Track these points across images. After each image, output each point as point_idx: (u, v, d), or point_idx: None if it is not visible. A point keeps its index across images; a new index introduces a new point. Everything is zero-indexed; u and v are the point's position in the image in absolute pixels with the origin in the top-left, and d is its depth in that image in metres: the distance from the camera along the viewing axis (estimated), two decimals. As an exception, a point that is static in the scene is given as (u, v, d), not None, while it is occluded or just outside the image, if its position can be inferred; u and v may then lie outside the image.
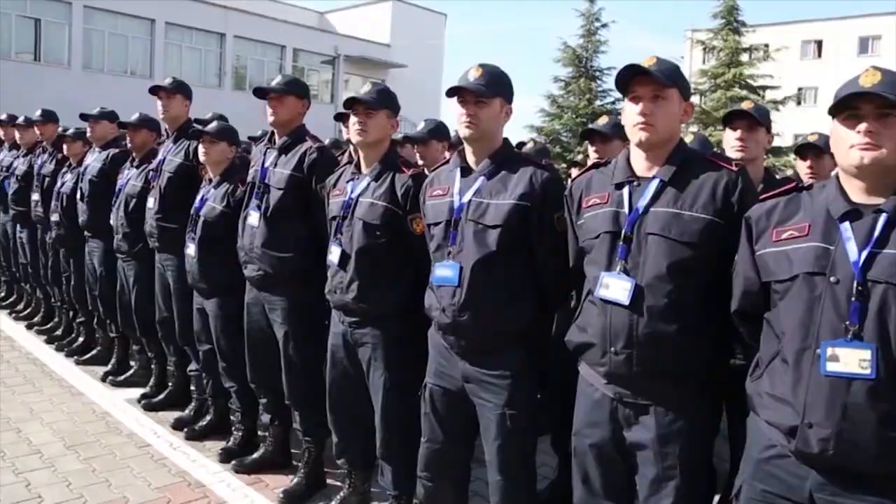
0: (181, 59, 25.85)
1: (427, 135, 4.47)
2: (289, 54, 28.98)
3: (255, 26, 27.52)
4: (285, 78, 3.75)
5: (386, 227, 3.10)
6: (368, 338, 3.19)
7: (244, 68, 28.03)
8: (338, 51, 30.58)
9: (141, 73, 24.59)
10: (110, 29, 24.07)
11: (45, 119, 6.41)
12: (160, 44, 25.10)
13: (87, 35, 23.55)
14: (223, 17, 26.39)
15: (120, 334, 5.55)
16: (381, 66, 31.89)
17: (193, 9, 25.44)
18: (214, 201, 4.07)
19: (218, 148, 4.11)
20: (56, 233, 5.97)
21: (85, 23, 23.40)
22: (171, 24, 25.22)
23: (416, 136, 4.45)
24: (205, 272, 4.08)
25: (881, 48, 40.42)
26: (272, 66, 28.90)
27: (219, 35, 26.75)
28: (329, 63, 30.98)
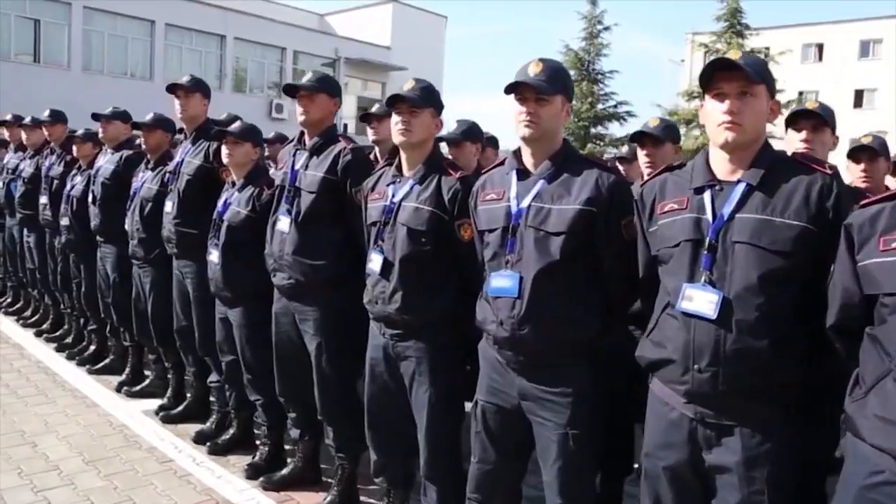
0: (181, 60, 25.57)
1: (460, 136, 4.29)
2: (289, 56, 28.77)
3: (255, 28, 27.30)
4: (316, 75, 3.58)
5: (432, 234, 2.93)
6: (412, 351, 3.01)
7: (244, 70, 27.79)
8: (338, 53, 30.38)
9: (141, 75, 24.39)
10: (110, 30, 23.81)
11: (53, 119, 6.22)
12: (160, 45, 24.84)
13: (86, 36, 23.29)
14: (223, 18, 26.16)
15: (134, 343, 5.37)
16: (382, 69, 31.75)
17: (193, 10, 25.21)
18: (239, 205, 3.89)
19: (242, 149, 3.93)
20: (66, 237, 5.79)
21: (84, 24, 23.14)
22: (171, 25, 24.97)
23: (449, 138, 4.27)
24: (229, 280, 3.90)
25: (882, 51, 40.37)
26: (272, 68, 28.73)
27: (219, 37, 26.52)
28: (329, 65, 30.72)
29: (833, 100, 37.33)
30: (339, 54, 30.33)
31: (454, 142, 4.29)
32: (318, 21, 33.77)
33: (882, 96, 39.69)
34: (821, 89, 38.76)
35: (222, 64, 26.69)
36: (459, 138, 4.29)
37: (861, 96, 40.58)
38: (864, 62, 40.86)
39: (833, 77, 39.30)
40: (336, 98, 3.59)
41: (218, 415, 4.53)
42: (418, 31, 32.34)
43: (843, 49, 40.45)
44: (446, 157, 3.25)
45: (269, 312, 3.80)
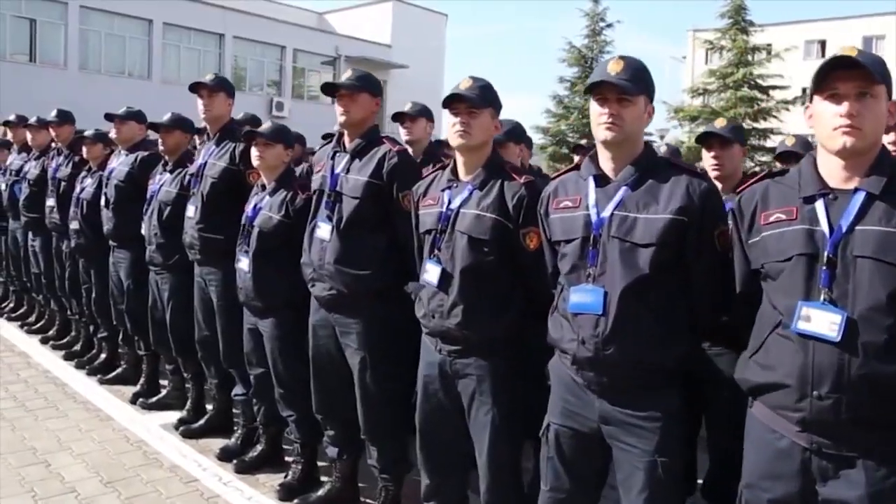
0: (179, 59, 25.31)
1: (504, 136, 4.05)
2: (289, 55, 28.49)
3: (254, 27, 26.99)
4: (357, 73, 3.34)
5: (495, 243, 2.69)
6: (472, 369, 2.77)
7: (243, 69, 27.49)
8: (338, 51, 30.09)
9: (139, 75, 24.09)
10: (107, 29, 23.48)
11: (61, 120, 5.97)
12: (158, 44, 24.52)
13: (83, 35, 22.98)
14: (222, 17, 25.86)
15: (150, 352, 5.12)
16: (382, 67, 31.39)
17: (191, 9, 24.89)
18: (270, 210, 3.65)
19: (273, 151, 3.69)
20: (76, 242, 5.53)
21: (81, 23, 22.82)
22: (168, 24, 24.66)
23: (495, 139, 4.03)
24: (260, 289, 3.65)
25: (885, 47, 40.19)
26: (272, 66, 28.44)
27: (217, 35, 26.22)
28: (329, 64, 30.48)
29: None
30: (340, 52, 30.05)
31: (497, 143, 4.05)
32: (317, 19, 33.46)
33: (885, 92, 39.56)
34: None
35: (221, 63, 26.35)
36: (503, 139, 4.05)
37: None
38: (866, 59, 40.63)
39: (835, 74, 39.04)
40: (378, 97, 3.36)
41: (243, 430, 4.27)
42: (419, 29, 32.07)
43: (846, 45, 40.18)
44: (508, 161, 3.00)
45: (303, 323, 3.58)
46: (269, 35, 27.65)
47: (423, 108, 4.72)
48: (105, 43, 23.51)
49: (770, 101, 25.98)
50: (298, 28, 29.19)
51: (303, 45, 29.04)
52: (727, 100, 26.56)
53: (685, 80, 41.45)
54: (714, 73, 27.42)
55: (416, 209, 3.01)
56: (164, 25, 24.52)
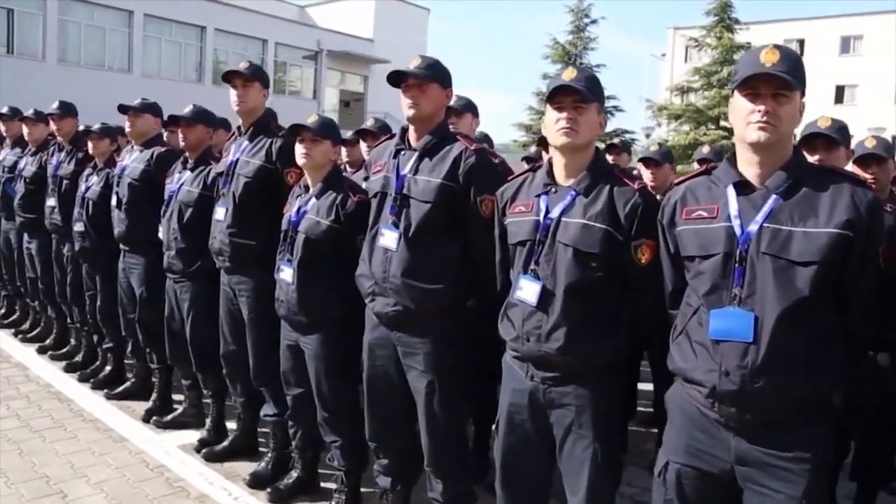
0: (160, 52, 24.73)
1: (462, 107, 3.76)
2: (270, 48, 27.99)
3: (235, 19, 26.48)
4: (426, 60, 3.00)
5: (605, 257, 2.38)
6: (571, 398, 2.45)
7: (224, 63, 26.88)
8: (320, 45, 29.66)
9: (119, 67, 23.48)
10: (86, 20, 22.84)
11: (63, 112, 5.53)
12: (138, 36, 23.92)
13: (62, 27, 22.32)
14: (203, 9, 25.29)
15: (162, 366, 4.74)
16: (364, 62, 31.11)
17: (173, 1, 24.29)
18: (318, 214, 3.30)
19: (321, 148, 3.34)
20: (80, 245, 5.13)
21: (60, 14, 22.16)
22: (149, 16, 24.05)
23: (654, 158, 3.80)
24: (306, 302, 3.31)
25: (863, 47, 40.55)
26: (253, 60, 27.74)
27: (199, 28, 25.65)
28: (311, 58, 30.04)
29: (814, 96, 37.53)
30: (322, 47, 29.61)
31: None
32: (298, 13, 32.94)
33: (863, 92, 39.93)
34: (801, 85, 38.73)
35: (202, 56, 25.87)
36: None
37: (842, 92, 40.75)
38: (844, 58, 41.00)
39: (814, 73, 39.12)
40: (449, 88, 3.03)
41: (274, 454, 3.92)
42: (401, 24, 31.70)
43: (824, 45, 40.52)
44: (616, 165, 2.69)
45: (352, 341, 3.27)
46: (250, 28, 27.15)
47: (468, 103, 4.42)
48: (84, 34, 22.88)
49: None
50: (280, 21, 28.70)
51: (284, 39, 28.57)
52: (711, 98, 26.56)
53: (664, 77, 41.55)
54: (699, 72, 27.38)
55: (500, 216, 2.70)
56: (145, 17, 23.95)
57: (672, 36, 43.00)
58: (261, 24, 27.50)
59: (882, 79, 38.95)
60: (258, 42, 27.82)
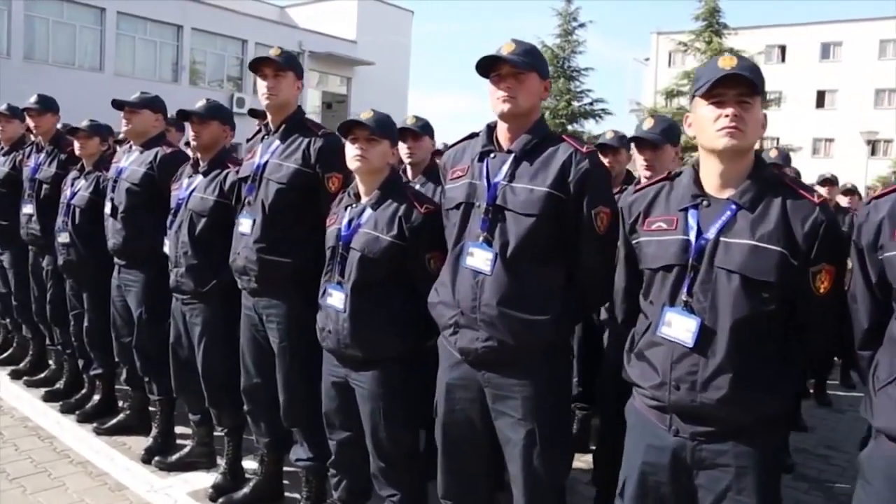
0: (134, 51, 23.77)
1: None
2: (250, 49, 27.08)
3: (214, 18, 25.59)
4: (522, 46, 2.41)
5: (780, 287, 1.90)
6: (729, 458, 1.95)
7: (202, 63, 26.08)
8: (302, 46, 28.85)
9: (90, 66, 22.45)
10: (55, 17, 21.80)
11: (42, 108, 4.86)
12: (111, 34, 22.91)
13: (28, 22, 21.25)
14: (180, 7, 24.36)
15: (165, 397, 4.11)
16: (347, 63, 30.43)
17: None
18: (376, 228, 2.71)
19: (379, 149, 2.77)
20: (64, 258, 4.46)
21: (27, 10, 21.07)
22: (123, 13, 23.05)
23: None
24: (362, 334, 2.71)
25: (842, 53, 40.86)
26: (232, 61, 27.08)
27: (175, 27, 24.71)
28: (291, 59, 29.29)
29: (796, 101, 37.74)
30: (303, 48, 28.85)
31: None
32: (278, 13, 32.16)
33: (843, 97, 40.32)
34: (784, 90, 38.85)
35: (179, 56, 24.95)
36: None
37: (823, 97, 41.15)
38: (825, 64, 41.33)
39: (796, 78, 39.42)
40: (547, 80, 2.48)
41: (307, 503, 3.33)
42: (384, 25, 31.13)
43: (805, 51, 40.78)
44: (786, 174, 2.16)
45: (417, 379, 2.76)
46: (229, 28, 26.29)
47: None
48: (53, 31, 21.83)
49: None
50: (260, 21, 27.88)
51: (264, 40, 27.63)
52: (699, 103, 26.34)
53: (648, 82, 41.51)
54: (688, 75, 27.14)
55: (626, 234, 2.16)
56: (119, 14, 22.93)
57: (656, 40, 42.97)
58: (240, 24, 26.67)
59: (861, 83, 39.33)
60: (237, 42, 26.97)
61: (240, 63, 27.03)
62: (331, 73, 30.72)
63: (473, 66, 2.36)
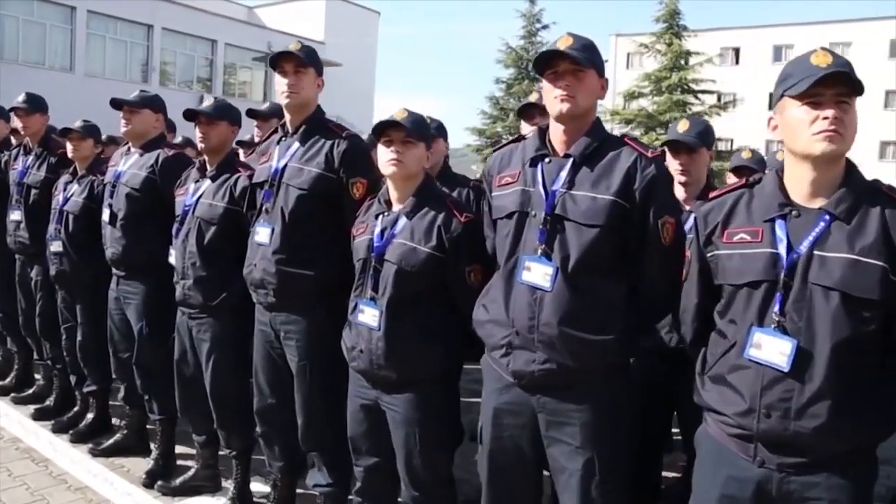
0: (105, 51, 23.25)
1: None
2: (220, 49, 26.73)
3: (184, 19, 25.15)
4: (580, 41, 2.25)
5: (883, 305, 1.76)
6: (821, 491, 1.81)
7: (172, 63, 25.60)
8: (271, 47, 28.45)
9: (60, 66, 21.91)
10: (25, 15, 21.23)
11: (30, 107, 4.60)
12: (81, 34, 22.40)
13: (-4, 21, 20.80)
14: (150, 7, 23.89)
15: (166, 416, 3.89)
16: (317, 65, 30.06)
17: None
18: (413, 239, 2.54)
19: (415, 153, 2.59)
20: (56, 268, 4.22)
21: (-5, 8, 20.65)
22: (93, 12, 22.54)
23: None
24: (398, 354, 2.54)
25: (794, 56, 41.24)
26: (202, 61, 26.64)
27: (146, 27, 24.24)
28: (261, 60, 28.86)
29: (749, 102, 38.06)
30: (272, 48, 28.46)
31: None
32: (246, 13, 31.76)
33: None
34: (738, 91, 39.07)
35: (149, 56, 24.49)
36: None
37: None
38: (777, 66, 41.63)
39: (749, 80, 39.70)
40: (604, 78, 2.33)
41: (327, 535, 3.15)
42: (351, 26, 30.88)
43: (758, 53, 41.15)
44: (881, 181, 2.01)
45: (455, 402, 2.57)
46: (199, 28, 25.88)
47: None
48: (23, 30, 21.25)
49: (703, 105, 26.38)
50: (230, 22, 27.52)
51: (234, 40, 27.38)
52: (661, 104, 26.48)
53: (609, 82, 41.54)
54: (649, 77, 27.24)
55: (699, 246, 2.01)
56: (89, 13, 22.43)
57: (614, 42, 43.09)
58: (210, 25, 26.27)
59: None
60: (207, 42, 26.54)
61: (209, 64, 26.66)
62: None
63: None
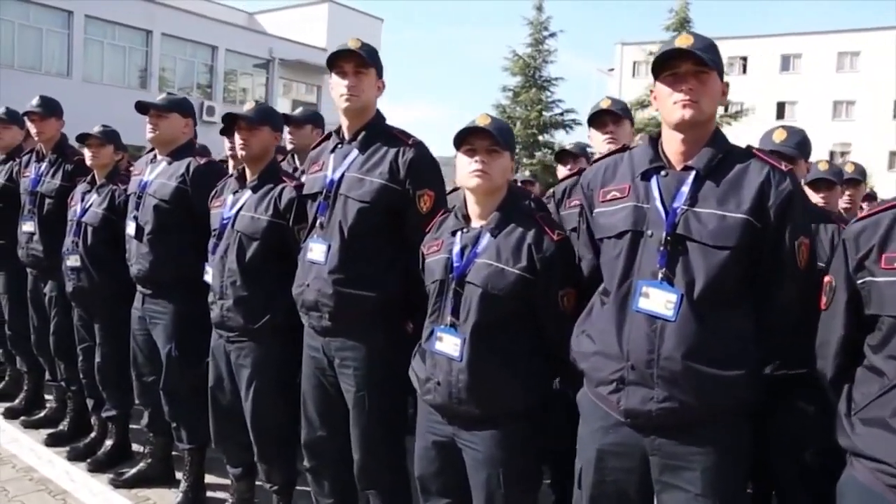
0: (103, 56, 22.88)
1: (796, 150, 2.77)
2: (220, 55, 26.37)
3: (183, 24, 24.80)
4: (702, 40, 2.00)
5: None
6: None
7: (171, 70, 25.24)
8: (272, 53, 28.24)
9: (57, 72, 21.53)
10: (21, 20, 20.85)
11: (46, 111, 4.29)
12: (79, 39, 22.01)
13: (-8, 26, 20.43)
14: (149, 12, 23.56)
15: (196, 446, 3.59)
16: (318, 72, 29.74)
17: (116, 1, 22.34)
18: (499, 259, 2.25)
19: (501, 163, 2.31)
20: (74, 284, 3.92)
21: (-10, 12, 20.28)
22: (91, 17, 22.16)
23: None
24: (483, 388, 2.24)
25: (801, 66, 41.32)
26: (202, 67, 26.30)
27: (145, 32, 23.87)
28: (262, 66, 28.60)
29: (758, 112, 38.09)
30: (274, 55, 28.23)
31: None
32: (246, 19, 31.43)
33: (802, 109, 40.70)
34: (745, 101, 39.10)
35: (148, 62, 24.12)
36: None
37: (783, 109, 41.51)
38: (785, 75, 41.73)
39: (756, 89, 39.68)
40: (723, 82, 2.05)
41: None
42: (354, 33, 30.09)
43: (766, 63, 41.12)
44: None
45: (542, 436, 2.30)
46: (200, 34, 25.50)
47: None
48: (19, 35, 20.85)
49: (714, 114, 26.19)
50: (231, 28, 27.17)
51: (235, 46, 27.02)
52: (674, 112, 26.31)
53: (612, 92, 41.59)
54: (660, 85, 27.11)
55: (848, 272, 1.74)
56: (87, 18, 22.03)
57: (620, 51, 43.09)
58: (210, 30, 25.91)
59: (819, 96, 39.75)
60: (207, 48, 26.19)
61: (209, 70, 26.29)
62: (300, 81, 30.05)
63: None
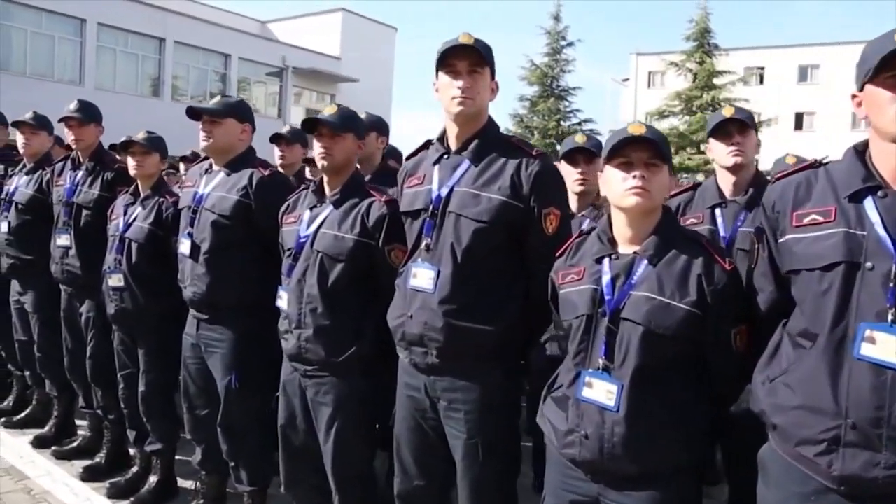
0: (115, 64, 22.62)
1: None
2: (233, 64, 26.10)
3: (196, 32, 24.55)
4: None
5: None
6: None
7: (184, 78, 24.98)
8: (285, 62, 27.97)
9: (69, 79, 21.22)
10: (33, 27, 20.61)
11: (84, 117, 3.94)
12: (91, 46, 21.74)
13: (5, 33, 19.98)
14: (162, 20, 23.32)
15: (257, 489, 3.21)
16: (332, 80, 29.54)
17: (129, 9, 22.18)
18: (662, 291, 1.85)
19: (662, 178, 1.94)
20: (116, 306, 3.55)
21: (3, 19, 19.78)
22: (103, 25, 21.92)
23: None
24: (640, 442, 1.84)
25: (819, 76, 40.99)
26: (214, 76, 26.03)
27: (157, 40, 23.62)
28: (276, 75, 28.33)
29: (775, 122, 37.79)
30: (287, 63, 27.96)
31: None
32: (259, 28, 31.17)
33: (820, 119, 40.35)
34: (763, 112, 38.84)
35: (161, 70, 23.87)
36: None
37: (801, 119, 41.18)
38: (802, 86, 41.41)
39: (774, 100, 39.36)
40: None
41: None
42: (368, 41, 30.28)
43: (783, 73, 40.83)
44: None
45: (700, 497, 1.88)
46: (213, 42, 25.25)
47: None
48: (31, 42, 20.61)
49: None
50: (245, 36, 26.93)
51: (249, 54, 26.78)
52: (693, 123, 25.99)
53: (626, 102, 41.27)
54: (679, 96, 26.81)
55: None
56: (99, 26, 21.80)
57: (635, 62, 42.82)
58: (223, 38, 25.67)
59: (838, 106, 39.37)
60: (220, 57, 25.93)
61: (222, 78, 26.00)
62: (314, 89, 29.77)
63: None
